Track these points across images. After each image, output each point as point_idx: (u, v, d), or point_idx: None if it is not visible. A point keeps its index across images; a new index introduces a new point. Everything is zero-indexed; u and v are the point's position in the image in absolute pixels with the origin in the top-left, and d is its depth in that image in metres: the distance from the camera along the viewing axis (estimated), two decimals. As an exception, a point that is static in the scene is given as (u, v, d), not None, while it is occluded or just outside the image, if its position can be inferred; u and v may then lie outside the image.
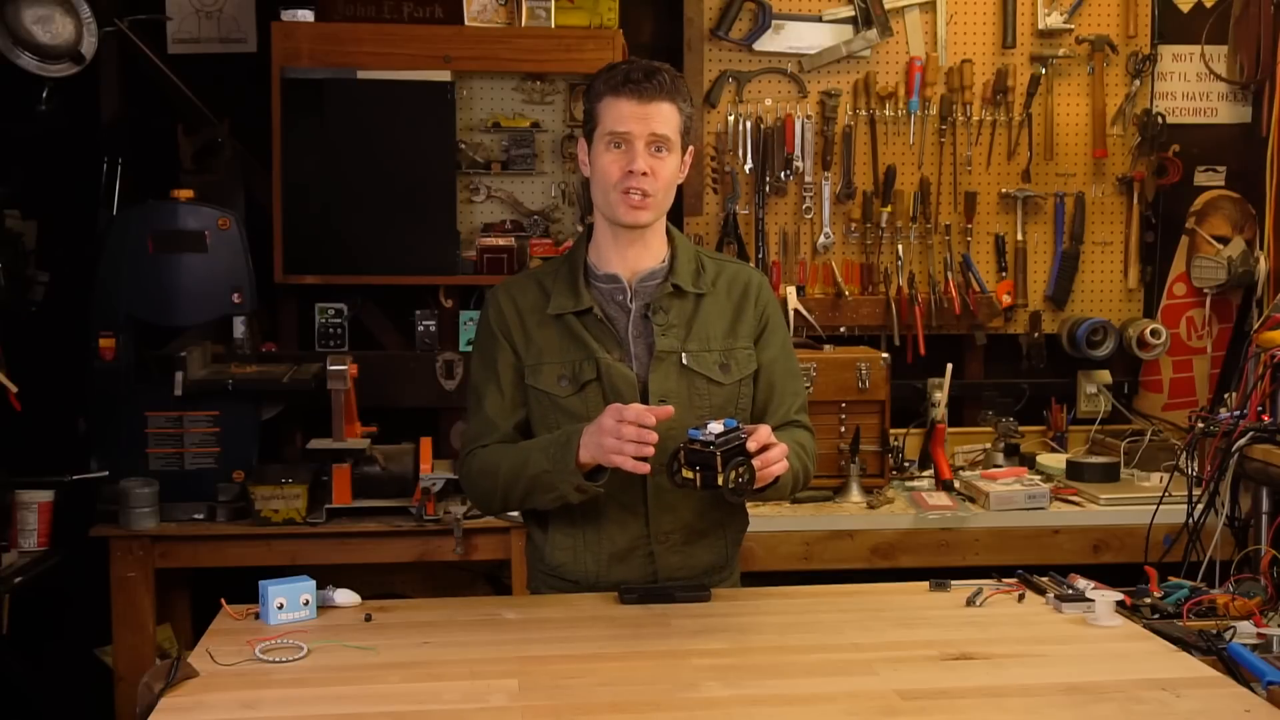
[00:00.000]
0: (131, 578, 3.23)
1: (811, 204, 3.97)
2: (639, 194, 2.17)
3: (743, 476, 2.04)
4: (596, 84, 2.22)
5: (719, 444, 2.02)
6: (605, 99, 2.19)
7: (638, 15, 3.97)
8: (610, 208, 2.21)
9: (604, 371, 2.21)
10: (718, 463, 2.01)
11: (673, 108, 2.19)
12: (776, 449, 2.07)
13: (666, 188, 2.21)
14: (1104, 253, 4.12)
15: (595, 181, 2.22)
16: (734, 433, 2.05)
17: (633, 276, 2.27)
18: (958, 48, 4.02)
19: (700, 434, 2.04)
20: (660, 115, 2.17)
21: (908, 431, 3.82)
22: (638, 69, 2.19)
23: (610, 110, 2.18)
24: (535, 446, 2.20)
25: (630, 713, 1.74)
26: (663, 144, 2.18)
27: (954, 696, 1.79)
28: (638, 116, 2.16)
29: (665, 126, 2.18)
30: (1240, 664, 1.99)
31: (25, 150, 3.53)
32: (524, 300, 2.28)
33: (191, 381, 3.29)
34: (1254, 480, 2.62)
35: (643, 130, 2.16)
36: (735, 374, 2.27)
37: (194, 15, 3.84)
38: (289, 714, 1.74)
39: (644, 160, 2.16)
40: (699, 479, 2.04)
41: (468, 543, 3.31)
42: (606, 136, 2.18)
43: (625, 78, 2.17)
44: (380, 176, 3.65)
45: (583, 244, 2.32)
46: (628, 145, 2.17)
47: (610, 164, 2.18)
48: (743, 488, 2.04)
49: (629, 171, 2.16)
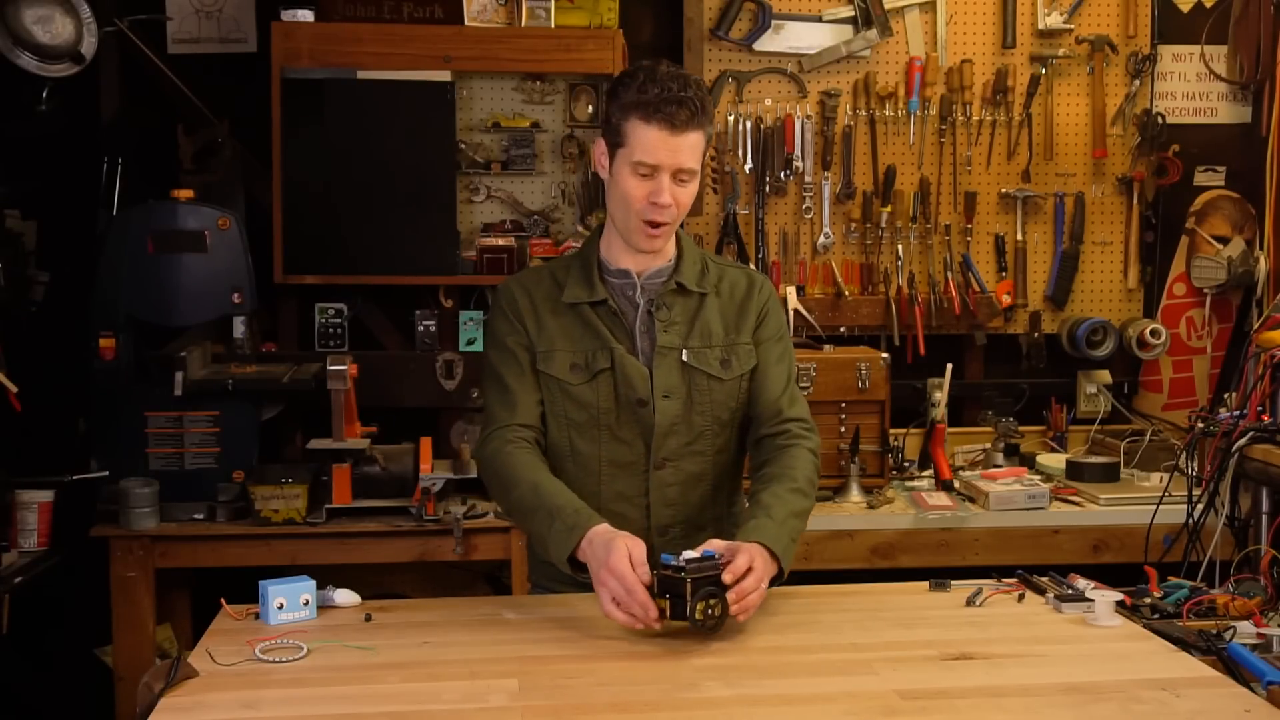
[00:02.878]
0: (131, 578, 3.23)
1: (811, 204, 3.97)
2: (660, 225, 2.17)
3: (713, 609, 1.92)
4: (625, 95, 2.14)
5: (690, 570, 1.92)
6: (634, 120, 2.13)
7: (638, 15, 3.97)
8: (629, 231, 2.21)
9: (618, 362, 2.22)
10: (687, 590, 1.90)
11: (700, 136, 2.16)
12: (752, 581, 1.97)
13: (685, 211, 2.22)
14: (1104, 253, 4.12)
15: (615, 198, 2.20)
16: (709, 561, 1.94)
17: (642, 272, 2.27)
18: (958, 48, 4.02)
19: (673, 559, 1.94)
20: (688, 146, 2.14)
21: (908, 431, 3.82)
22: (670, 94, 2.10)
23: (639, 137, 2.13)
24: (546, 506, 2.10)
25: (630, 713, 1.74)
26: (688, 176, 2.17)
27: (954, 696, 1.79)
28: (668, 149, 2.12)
29: (692, 158, 2.15)
30: (1240, 664, 1.99)
31: (25, 150, 3.52)
32: (537, 290, 2.28)
33: (191, 381, 3.29)
34: (1254, 480, 2.62)
35: (671, 164, 2.13)
36: (736, 369, 2.28)
37: (194, 15, 3.84)
38: (289, 714, 1.74)
39: (669, 194, 2.15)
40: (669, 608, 1.93)
41: (468, 543, 3.31)
42: (633, 163, 2.15)
43: (659, 100, 2.10)
44: (380, 176, 3.65)
45: (595, 239, 2.32)
46: (654, 175, 2.15)
47: (634, 189, 2.16)
48: (714, 622, 1.94)
49: (653, 203, 2.15)
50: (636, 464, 2.24)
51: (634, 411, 2.22)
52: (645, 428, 2.23)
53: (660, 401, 2.22)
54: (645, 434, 2.23)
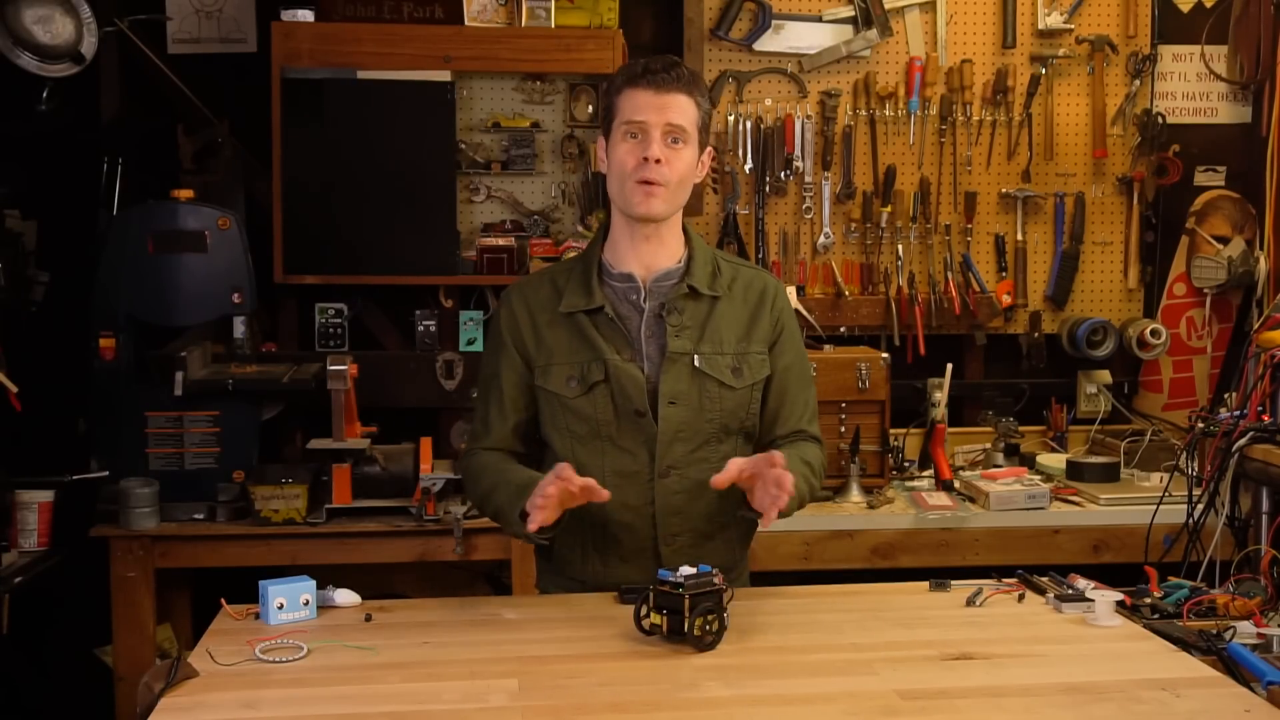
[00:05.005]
0: (131, 578, 3.23)
1: (811, 204, 3.97)
2: (653, 185, 2.17)
3: (710, 625, 1.93)
4: (616, 79, 2.23)
5: (689, 587, 1.92)
6: (624, 91, 2.19)
7: (638, 15, 3.97)
8: (624, 198, 2.20)
9: (612, 373, 2.21)
10: (685, 606, 1.91)
11: (690, 100, 2.19)
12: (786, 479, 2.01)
13: (681, 180, 2.20)
14: (1104, 253, 4.12)
15: (612, 174, 2.22)
16: (706, 577, 1.95)
17: (648, 275, 2.26)
18: (958, 48, 4.02)
19: (670, 575, 1.94)
20: (677, 105, 2.17)
21: (908, 431, 3.83)
22: (656, 61, 2.20)
23: (627, 101, 2.18)
24: (507, 480, 2.20)
25: (630, 713, 1.74)
26: (679, 135, 2.18)
27: (954, 696, 1.79)
28: (654, 106, 2.16)
29: (681, 117, 2.18)
30: (1240, 664, 1.99)
31: (25, 150, 3.53)
32: (536, 300, 2.28)
33: (191, 381, 3.29)
34: (1254, 480, 2.62)
35: (659, 120, 2.16)
36: (748, 378, 2.26)
37: (194, 15, 3.84)
38: (289, 714, 1.74)
39: (659, 148, 2.16)
40: (665, 624, 1.94)
41: (468, 543, 3.31)
42: (623, 127, 2.18)
43: (644, 69, 2.18)
44: (380, 176, 3.65)
45: (598, 242, 2.31)
46: (643, 134, 2.17)
47: (626, 154, 2.18)
48: (711, 638, 1.94)
49: (643, 159, 2.16)
50: (640, 473, 2.22)
51: (634, 421, 2.21)
52: (647, 437, 2.21)
53: (665, 408, 2.21)
54: (648, 443, 2.22)
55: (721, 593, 1.96)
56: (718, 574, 1.98)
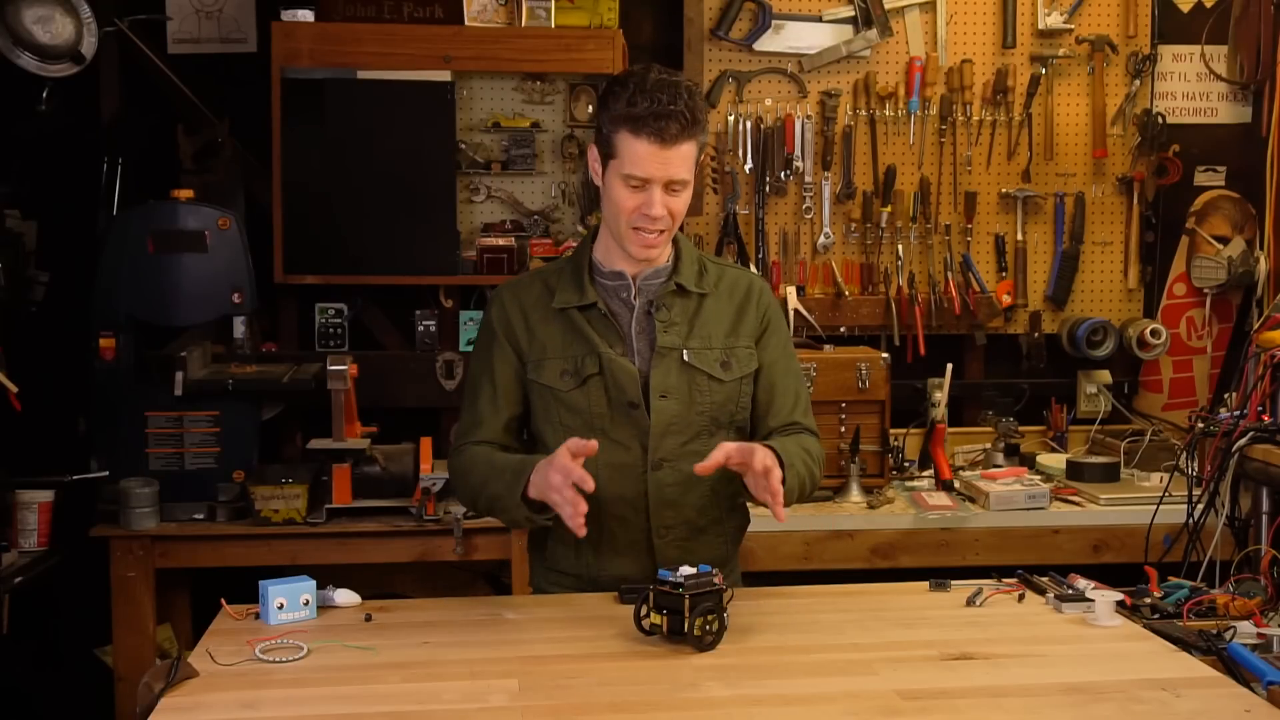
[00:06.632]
0: (131, 578, 3.23)
1: (811, 204, 3.97)
2: (652, 234, 2.17)
3: (710, 625, 1.93)
4: (614, 106, 2.12)
5: (689, 587, 1.93)
6: (624, 133, 2.11)
7: (638, 15, 3.97)
8: (621, 238, 2.21)
9: (606, 366, 2.22)
10: (685, 606, 1.91)
11: (692, 146, 2.14)
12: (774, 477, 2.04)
13: (679, 219, 2.21)
14: (1104, 253, 4.12)
15: (608, 205, 2.20)
16: (706, 577, 1.95)
17: (638, 274, 2.27)
18: (958, 48, 4.02)
19: (670, 575, 1.94)
20: (679, 158, 2.12)
21: (908, 431, 3.82)
22: (660, 106, 2.07)
23: (628, 149, 2.11)
24: (500, 467, 2.20)
25: (630, 713, 1.74)
26: (680, 185, 2.16)
27: (954, 696, 1.79)
28: (658, 162, 2.11)
29: (683, 169, 2.14)
30: (1240, 664, 1.99)
31: (25, 150, 3.53)
32: (528, 297, 2.29)
33: (191, 381, 3.29)
34: (1254, 480, 2.62)
35: (662, 176, 2.12)
36: (736, 372, 2.28)
37: (194, 15, 3.84)
38: (289, 714, 1.74)
39: (660, 205, 2.14)
40: (665, 624, 1.94)
41: (468, 543, 3.31)
42: (624, 175, 2.14)
43: (647, 119, 2.08)
44: (380, 176, 3.65)
45: (589, 241, 2.32)
46: (645, 187, 2.14)
47: (625, 200, 2.15)
48: (711, 637, 1.94)
49: (645, 214, 2.15)
50: (634, 466, 2.23)
51: (627, 414, 2.22)
52: (640, 430, 2.22)
53: (657, 402, 2.22)
54: (641, 436, 2.23)
55: (721, 593, 1.97)
56: (718, 574, 1.99)
